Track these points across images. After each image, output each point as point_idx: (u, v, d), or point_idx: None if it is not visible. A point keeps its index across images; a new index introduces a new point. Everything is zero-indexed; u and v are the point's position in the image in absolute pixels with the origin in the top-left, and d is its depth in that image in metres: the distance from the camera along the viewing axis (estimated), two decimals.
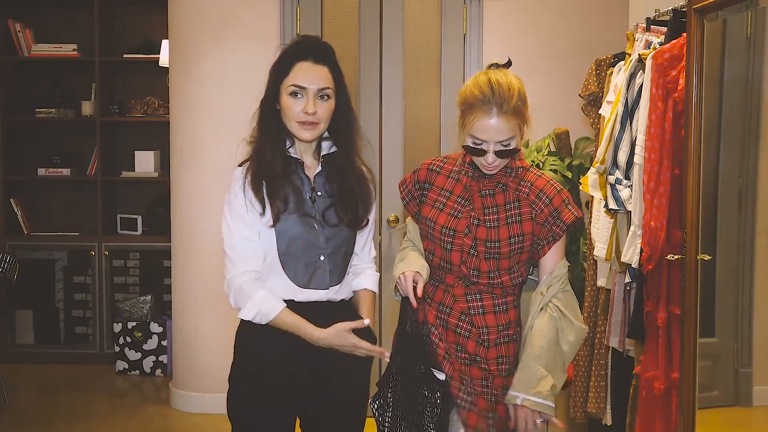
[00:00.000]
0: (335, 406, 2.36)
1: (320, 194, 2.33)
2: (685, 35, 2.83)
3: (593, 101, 3.54)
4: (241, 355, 2.36)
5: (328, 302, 2.33)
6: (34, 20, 5.72)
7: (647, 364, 3.00)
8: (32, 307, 5.62)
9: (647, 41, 3.17)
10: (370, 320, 2.28)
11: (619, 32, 4.18)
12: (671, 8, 3.04)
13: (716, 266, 3.13)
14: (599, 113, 3.46)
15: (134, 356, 5.34)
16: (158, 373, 5.35)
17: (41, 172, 5.64)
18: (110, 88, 5.76)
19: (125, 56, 5.65)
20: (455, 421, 2.36)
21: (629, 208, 3.03)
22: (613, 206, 3.07)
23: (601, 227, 3.27)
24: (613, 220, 3.16)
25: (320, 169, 2.36)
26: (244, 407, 2.33)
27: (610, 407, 3.44)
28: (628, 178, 3.06)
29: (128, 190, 5.87)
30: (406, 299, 2.31)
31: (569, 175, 3.94)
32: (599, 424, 3.54)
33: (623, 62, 3.27)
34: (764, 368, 3.22)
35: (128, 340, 5.33)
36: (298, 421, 2.41)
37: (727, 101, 3.22)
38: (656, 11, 3.21)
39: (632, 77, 3.06)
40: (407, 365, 2.35)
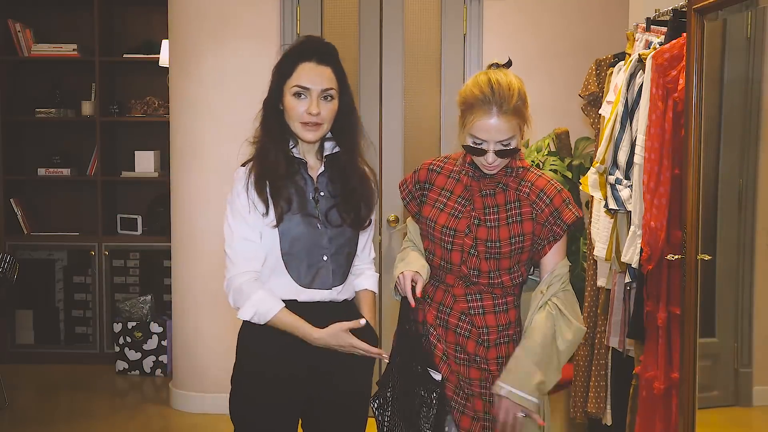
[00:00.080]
0: (337, 406, 2.36)
1: (323, 194, 2.33)
2: (685, 35, 2.83)
3: (593, 101, 3.54)
4: (242, 356, 2.36)
5: (330, 302, 2.33)
6: (34, 20, 5.72)
7: (647, 364, 3.00)
8: (32, 307, 5.62)
9: (647, 41, 3.17)
10: (365, 320, 2.27)
11: (619, 32, 4.18)
12: (671, 8, 3.04)
13: (716, 266, 3.12)
14: (599, 113, 3.46)
15: (134, 356, 5.34)
16: (158, 373, 5.35)
17: (41, 172, 5.64)
18: (110, 88, 5.76)
19: (125, 56, 5.65)
20: (449, 422, 2.36)
21: (629, 208, 3.03)
22: (613, 206, 3.07)
23: (601, 227, 3.27)
24: (613, 220, 3.16)
25: (323, 169, 2.36)
26: (245, 408, 2.33)
27: (610, 407, 3.44)
28: (628, 178, 3.06)
29: (128, 190, 5.87)
30: (405, 299, 2.32)
31: (569, 175, 3.94)
32: (599, 424, 3.54)
33: (623, 62, 3.27)
34: (764, 368, 3.22)
35: (128, 340, 5.33)
36: (300, 421, 2.41)
37: (727, 101, 3.22)
38: (656, 11, 3.21)
39: (632, 77, 3.06)
40: (406, 365, 2.36)
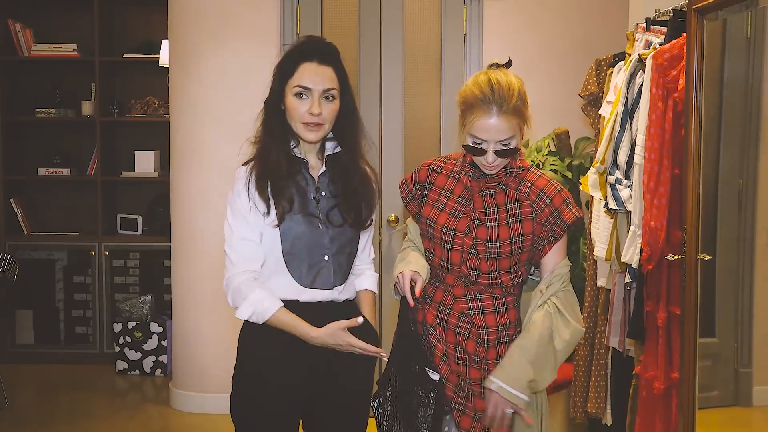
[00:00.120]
0: (338, 406, 2.36)
1: (324, 194, 2.33)
2: (685, 35, 2.83)
3: (593, 101, 3.54)
4: (243, 356, 2.36)
5: (332, 302, 2.33)
6: (34, 20, 5.72)
7: (647, 364, 3.00)
8: (32, 307, 5.62)
9: (647, 41, 3.17)
10: (363, 318, 2.27)
11: (619, 32, 4.18)
12: (671, 8, 3.04)
13: (716, 266, 3.12)
14: (599, 113, 3.46)
15: (134, 356, 5.34)
16: (158, 373, 5.35)
17: (41, 172, 5.64)
18: (110, 88, 5.76)
19: (125, 56, 5.65)
20: (449, 422, 2.36)
21: (629, 208, 3.03)
22: (613, 206, 3.07)
23: (601, 227, 3.27)
24: (613, 220, 3.16)
25: (324, 169, 2.36)
26: (246, 409, 2.33)
27: (610, 407, 3.44)
28: (628, 178, 3.06)
29: (128, 190, 5.87)
30: (405, 298, 2.32)
31: (569, 175, 3.94)
32: (599, 424, 3.54)
33: (623, 62, 3.26)
34: (764, 368, 3.22)
35: (128, 340, 5.33)
36: (300, 421, 2.41)
37: (727, 101, 3.22)
38: (656, 11, 3.21)
39: (632, 77, 3.06)
40: (404, 364, 2.36)
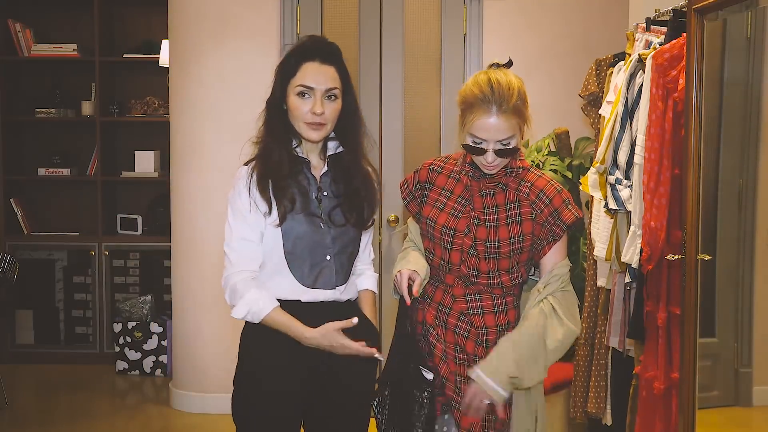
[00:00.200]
0: (339, 406, 2.36)
1: (326, 194, 2.33)
2: (685, 35, 2.83)
3: (593, 101, 3.54)
4: (244, 356, 2.36)
5: (334, 302, 2.33)
6: (34, 20, 5.72)
7: (647, 364, 3.00)
8: (32, 307, 5.62)
9: (647, 41, 3.17)
10: (358, 318, 2.25)
11: (619, 32, 4.18)
12: (671, 8, 3.04)
13: (716, 266, 3.12)
14: (599, 113, 3.45)
15: (134, 356, 5.34)
16: (158, 373, 5.35)
17: (41, 172, 5.64)
18: (110, 88, 5.76)
19: (125, 56, 5.65)
20: (447, 421, 2.35)
21: (629, 208, 3.03)
22: (613, 206, 3.07)
23: (601, 227, 3.27)
24: (613, 220, 3.16)
25: (326, 169, 2.36)
26: (247, 409, 2.33)
27: (610, 407, 3.44)
28: (628, 178, 3.06)
29: (128, 190, 5.87)
30: (403, 297, 2.32)
31: (569, 175, 3.94)
32: (599, 424, 3.54)
33: (623, 62, 3.26)
34: (764, 368, 3.22)
35: (128, 340, 5.33)
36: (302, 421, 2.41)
37: (727, 101, 3.22)
38: (656, 11, 3.21)
39: (632, 77, 3.06)
40: (402, 364, 2.36)
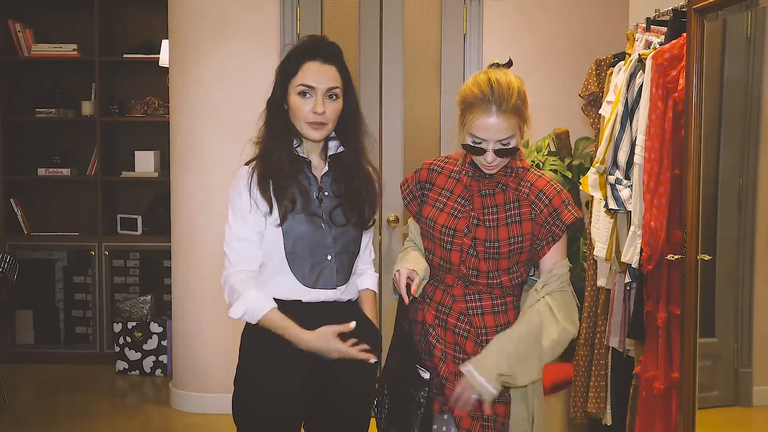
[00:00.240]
0: (339, 406, 2.36)
1: (327, 194, 2.33)
2: (685, 35, 2.83)
3: (593, 101, 3.54)
4: (244, 356, 2.36)
5: (335, 302, 2.33)
6: (34, 20, 5.72)
7: (647, 364, 3.00)
8: (32, 307, 5.62)
9: (647, 41, 3.17)
10: (355, 324, 2.25)
11: (619, 32, 4.18)
12: (671, 8, 3.04)
13: (716, 266, 3.12)
14: (599, 113, 3.45)
15: (134, 356, 5.34)
16: (158, 373, 5.35)
17: (41, 172, 5.64)
18: (110, 88, 5.76)
19: (125, 56, 5.65)
20: (446, 421, 2.35)
21: (629, 208, 3.03)
22: (613, 206, 3.07)
23: (601, 227, 3.27)
24: (613, 220, 3.16)
25: (327, 169, 2.36)
26: (248, 409, 2.33)
27: (610, 407, 3.44)
28: (628, 178, 3.06)
29: (128, 190, 5.87)
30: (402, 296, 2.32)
31: (569, 175, 3.94)
32: (599, 424, 3.54)
33: (623, 62, 3.26)
34: (764, 368, 3.22)
35: (128, 340, 5.33)
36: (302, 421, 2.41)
37: (727, 101, 3.22)
38: (656, 11, 3.21)
39: (632, 77, 3.06)
40: (400, 363, 2.36)
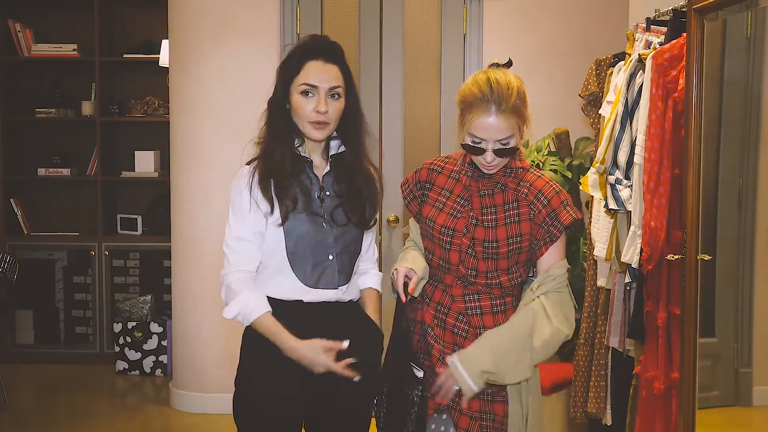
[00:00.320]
0: (340, 406, 2.36)
1: (329, 194, 2.33)
2: (685, 35, 2.83)
3: (593, 101, 3.54)
4: (244, 358, 2.36)
5: (336, 302, 2.33)
6: (34, 20, 5.72)
7: (647, 364, 3.00)
8: (32, 307, 5.62)
9: (647, 41, 3.17)
10: (348, 342, 2.23)
11: (619, 32, 4.18)
12: (671, 8, 3.04)
13: (716, 266, 3.12)
14: (599, 113, 3.45)
15: (134, 356, 5.34)
16: (158, 373, 5.35)
17: (41, 172, 5.64)
18: (110, 88, 5.76)
19: (125, 56, 5.65)
20: (444, 420, 2.35)
21: (629, 208, 3.03)
22: (613, 206, 3.07)
23: (601, 227, 3.27)
24: (613, 220, 3.16)
25: (329, 168, 2.35)
26: (249, 410, 2.33)
27: (610, 407, 3.44)
28: (628, 178, 3.06)
29: (128, 190, 5.87)
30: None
31: (569, 175, 3.94)
32: (599, 424, 3.54)
33: (623, 62, 3.26)
34: (764, 368, 3.22)
35: (128, 340, 5.33)
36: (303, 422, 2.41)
37: (727, 101, 3.22)
38: (656, 11, 3.21)
39: (632, 77, 3.06)
40: (398, 362, 2.36)
